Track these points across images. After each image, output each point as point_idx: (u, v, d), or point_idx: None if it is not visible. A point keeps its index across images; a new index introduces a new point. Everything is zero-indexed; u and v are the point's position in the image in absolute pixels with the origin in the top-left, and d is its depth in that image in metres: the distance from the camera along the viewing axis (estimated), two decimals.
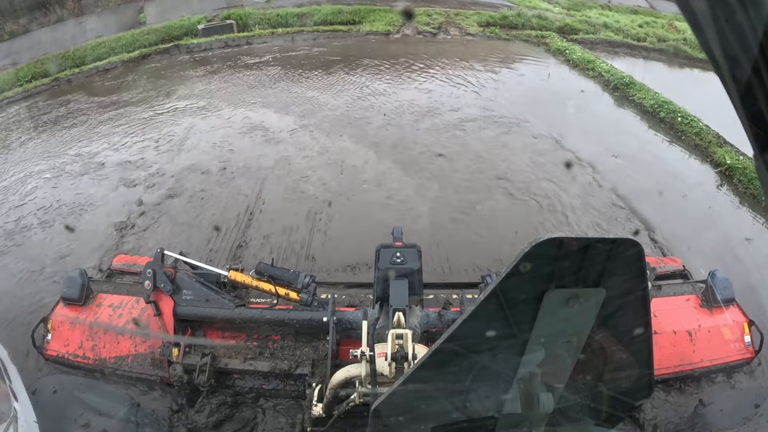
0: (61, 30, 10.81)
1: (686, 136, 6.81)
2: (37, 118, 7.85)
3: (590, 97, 8.21)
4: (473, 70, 8.97)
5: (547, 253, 0.81)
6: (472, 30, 11.15)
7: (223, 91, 8.24)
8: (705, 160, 6.28)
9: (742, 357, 2.62)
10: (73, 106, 8.17)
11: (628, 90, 8.08)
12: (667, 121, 7.20)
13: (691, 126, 6.87)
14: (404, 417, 1.08)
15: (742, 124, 0.60)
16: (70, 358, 2.58)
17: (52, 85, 9.22)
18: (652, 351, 1.02)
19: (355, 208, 5.03)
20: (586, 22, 11.72)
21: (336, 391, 1.98)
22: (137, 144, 6.52)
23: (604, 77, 8.66)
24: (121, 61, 10.11)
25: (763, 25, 0.52)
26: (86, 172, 5.89)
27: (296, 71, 8.98)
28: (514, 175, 5.62)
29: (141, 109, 7.72)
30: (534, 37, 10.86)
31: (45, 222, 4.97)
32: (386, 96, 7.78)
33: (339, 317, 2.38)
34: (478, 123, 6.89)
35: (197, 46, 10.56)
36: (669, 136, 6.97)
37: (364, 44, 10.36)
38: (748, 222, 5.12)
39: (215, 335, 2.63)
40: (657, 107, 7.44)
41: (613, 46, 10.98)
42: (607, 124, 7.30)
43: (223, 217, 4.91)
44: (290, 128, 6.79)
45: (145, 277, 2.45)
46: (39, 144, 6.88)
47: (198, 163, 5.91)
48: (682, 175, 6.03)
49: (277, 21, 11.51)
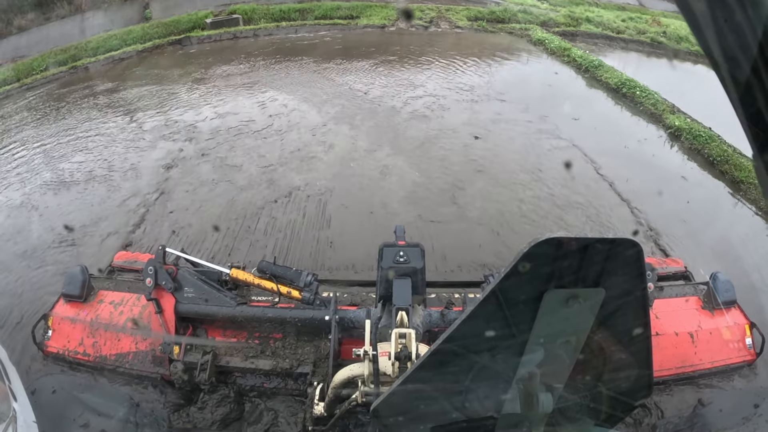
0: (68, 25, 11.25)
1: (644, 107, 7.86)
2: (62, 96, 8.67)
3: (562, 77, 9.33)
4: (459, 56, 10.07)
5: (546, 253, 0.81)
6: (461, 23, 12.22)
7: (261, 73, 9.35)
8: (658, 124, 7.39)
9: (743, 359, 2.61)
10: (97, 89, 8.98)
11: (597, 71, 9.14)
12: (628, 95, 8.27)
13: (648, 98, 7.92)
14: (404, 417, 1.08)
15: (741, 124, 0.60)
16: (70, 356, 2.59)
17: (71, 72, 9.87)
18: (651, 351, 1.02)
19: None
20: (569, 17, 12.70)
21: (338, 390, 1.98)
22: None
23: (577, 62, 9.69)
24: (136, 51, 10.80)
25: (763, 25, 0.52)
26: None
27: (307, 56, 10.17)
28: (482, 132, 6.82)
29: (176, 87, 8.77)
30: (518, 30, 11.92)
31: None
32: (384, 76, 8.98)
33: (341, 316, 2.38)
34: (456, 95, 8.07)
35: (208, 38, 11.51)
36: (628, 106, 8.09)
37: (363, 35, 11.70)
38: (688, 165, 6.38)
39: (217, 333, 2.63)
40: (620, 84, 8.49)
41: (593, 37, 12.02)
42: (573, 97, 8.41)
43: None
44: (318, 90, 8.27)
45: (146, 274, 2.45)
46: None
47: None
48: (635, 134, 7.11)
49: (280, 15, 12.52)
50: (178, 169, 5.87)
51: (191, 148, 6.36)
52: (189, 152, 6.25)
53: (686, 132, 6.88)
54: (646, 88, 8.17)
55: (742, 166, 5.92)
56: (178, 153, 6.23)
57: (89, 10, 11.80)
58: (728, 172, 6.03)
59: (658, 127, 7.30)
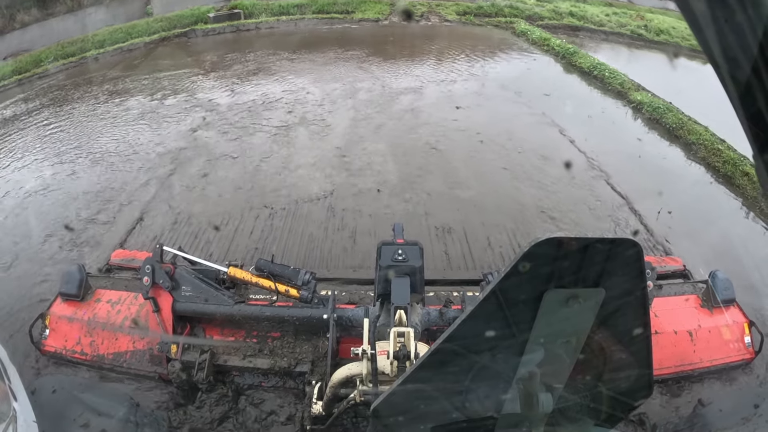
0: (70, 20, 11.65)
1: (612, 86, 8.74)
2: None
3: (541, 63, 10.30)
4: (446, 46, 11.17)
5: (546, 253, 0.81)
6: (450, 17, 13.24)
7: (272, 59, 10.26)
8: (623, 99, 8.28)
9: (742, 358, 2.62)
10: (111, 74, 9.63)
11: (572, 57, 10.12)
12: (599, 76, 9.16)
13: (616, 78, 8.80)
14: (404, 417, 1.08)
15: (741, 124, 0.60)
16: (68, 354, 2.57)
17: (80, 63, 10.35)
18: (651, 351, 1.02)
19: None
20: (554, 11, 13.63)
21: (336, 389, 1.97)
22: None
23: (555, 50, 10.64)
24: (143, 42, 11.34)
25: (763, 25, 0.52)
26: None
27: (310, 45, 11.17)
28: (462, 103, 7.82)
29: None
30: (503, 23, 12.95)
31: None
32: (379, 63, 9.89)
33: (339, 314, 2.37)
34: (440, 76, 9.10)
35: (212, 30, 12.31)
36: (597, 85, 8.99)
37: (359, 28, 12.76)
38: (644, 129, 7.33)
39: (214, 332, 2.62)
40: (592, 67, 9.40)
41: (574, 30, 12.97)
42: (548, 78, 9.35)
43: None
44: (324, 68, 9.47)
45: (143, 272, 2.44)
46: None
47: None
48: (600, 106, 8.15)
49: (279, 10, 13.40)
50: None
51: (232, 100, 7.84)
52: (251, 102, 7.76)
53: (647, 105, 7.72)
54: (615, 70, 9.03)
55: (696, 131, 6.79)
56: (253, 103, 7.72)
57: (90, 6, 12.14)
58: (682, 137, 6.89)
59: (623, 103, 8.20)
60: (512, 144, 6.46)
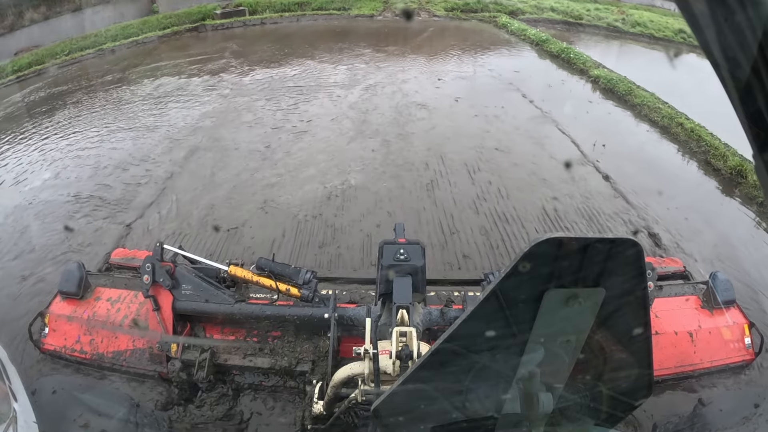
0: (78, 18, 12.45)
1: (575, 65, 10.41)
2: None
3: (516, 48, 12.15)
4: (434, 35, 13.23)
5: (546, 252, 0.81)
6: (438, 13, 15.05)
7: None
8: (583, 75, 9.95)
9: (742, 358, 2.62)
10: (133, 62, 10.93)
11: (544, 44, 11.79)
12: (564, 58, 10.84)
13: (580, 58, 10.50)
14: (404, 417, 1.08)
15: (741, 124, 0.60)
16: (67, 353, 2.57)
17: (98, 54, 11.29)
18: (652, 351, 1.02)
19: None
20: (536, 6, 15.28)
21: (337, 389, 1.97)
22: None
23: (530, 38, 12.40)
24: (156, 36, 12.46)
25: (763, 25, 0.52)
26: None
27: (313, 38, 12.84)
28: (442, 75, 9.99)
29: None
30: (487, 17, 14.77)
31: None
32: (376, 52, 11.65)
33: (341, 314, 2.37)
34: (426, 60, 11.01)
35: (221, 26, 13.75)
36: (562, 65, 10.72)
37: (355, 22, 14.67)
38: (596, 95, 9.02)
39: (215, 331, 2.62)
40: (561, 51, 11.09)
41: (553, 23, 14.54)
42: (519, 59, 11.24)
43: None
44: (329, 54, 11.41)
45: (143, 271, 2.44)
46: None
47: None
48: (560, 79, 9.92)
49: (281, 7, 15.02)
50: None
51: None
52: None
53: (603, 78, 9.30)
54: (580, 52, 10.73)
55: (642, 96, 8.25)
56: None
57: (98, 4, 12.91)
58: (629, 101, 8.39)
59: (584, 78, 9.86)
60: (481, 102, 8.30)
